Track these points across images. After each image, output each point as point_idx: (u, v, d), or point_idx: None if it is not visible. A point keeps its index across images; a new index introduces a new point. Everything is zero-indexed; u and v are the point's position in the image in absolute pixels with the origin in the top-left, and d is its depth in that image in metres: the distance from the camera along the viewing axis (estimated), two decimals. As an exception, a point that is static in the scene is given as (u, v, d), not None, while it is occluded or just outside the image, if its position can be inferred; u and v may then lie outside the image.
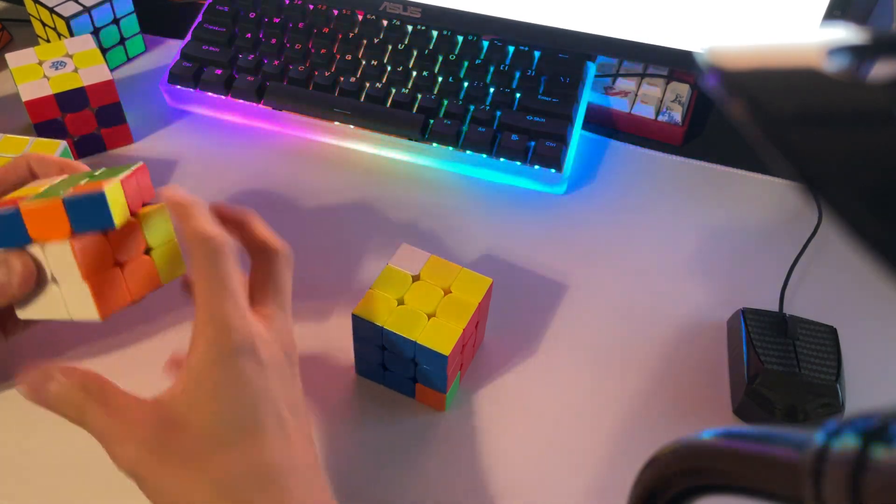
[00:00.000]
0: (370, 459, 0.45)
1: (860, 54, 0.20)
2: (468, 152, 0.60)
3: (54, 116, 0.58)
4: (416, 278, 0.46)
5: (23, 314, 0.38)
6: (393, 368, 0.46)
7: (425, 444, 0.46)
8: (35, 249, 0.36)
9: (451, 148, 0.60)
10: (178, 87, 0.64)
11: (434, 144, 0.61)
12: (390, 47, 0.65)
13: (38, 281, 0.37)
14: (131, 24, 0.68)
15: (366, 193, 0.60)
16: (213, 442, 0.33)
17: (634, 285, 0.54)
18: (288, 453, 0.34)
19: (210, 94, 0.64)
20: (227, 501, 0.32)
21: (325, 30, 0.66)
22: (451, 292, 0.45)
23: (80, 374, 0.35)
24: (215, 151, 0.62)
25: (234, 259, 0.36)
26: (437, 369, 0.44)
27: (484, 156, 0.60)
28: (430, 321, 0.44)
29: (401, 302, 0.44)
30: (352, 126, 0.62)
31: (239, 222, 0.40)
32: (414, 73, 0.64)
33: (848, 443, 0.18)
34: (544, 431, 0.47)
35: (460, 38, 0.66)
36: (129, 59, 0.70)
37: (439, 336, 0.43)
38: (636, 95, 0.65)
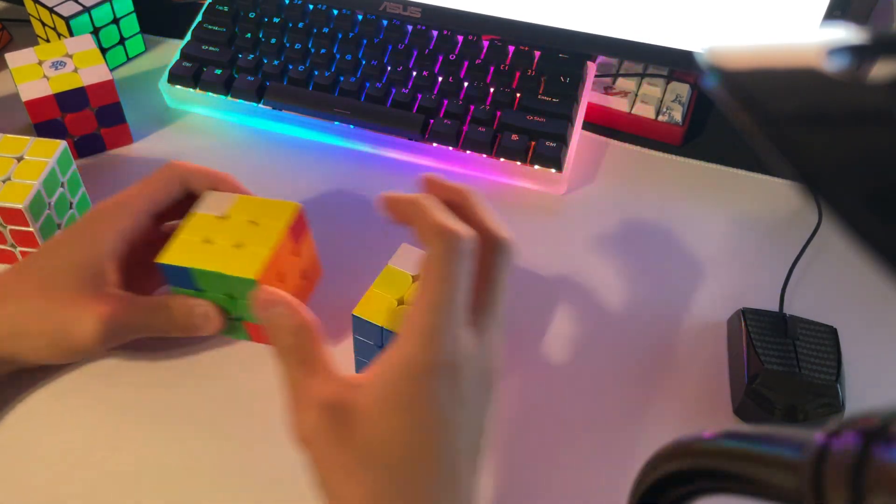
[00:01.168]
0: None
1: (860, 54, 0.20)
2: (468, 152, 0.60)
3: (54, 116, 0.58)
4: (416, 278, 0.46)
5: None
6: None
7: None
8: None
9: (451, 148, 0.60)
10: (178, 87, 0.64)
11: (434, 144, 0.61)
12: (390, 47, 0.65)
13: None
14: (131, 24, 0.68)
15: (366, 193, 0.60)
16: (384, 454, 0.31)
17: (634, 285, 0.54)
18: (451, 485, 0.32)
19: (210, 94, 0.64)
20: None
21: (325, 30, 0.66)
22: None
23: (300, 319, 0.35)
24: (215, 151, 0.62)
25: (468, 265, 0.34)
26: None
27: (484, 156, 0.60)
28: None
29: (401, 302, 0.44)
30: (352, 126, 0.62)
31: (458, 203, 0.37)
32: (414, 73, 0.64)
33: (848, 443, 0.18)
34: (544, 432, 0.47)
35: (460, 38, 0.66)
36: (129, 59, 0.70)
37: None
38: (636, 95, 0.65)
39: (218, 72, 0.64)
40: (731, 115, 0.19)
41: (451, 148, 0.60)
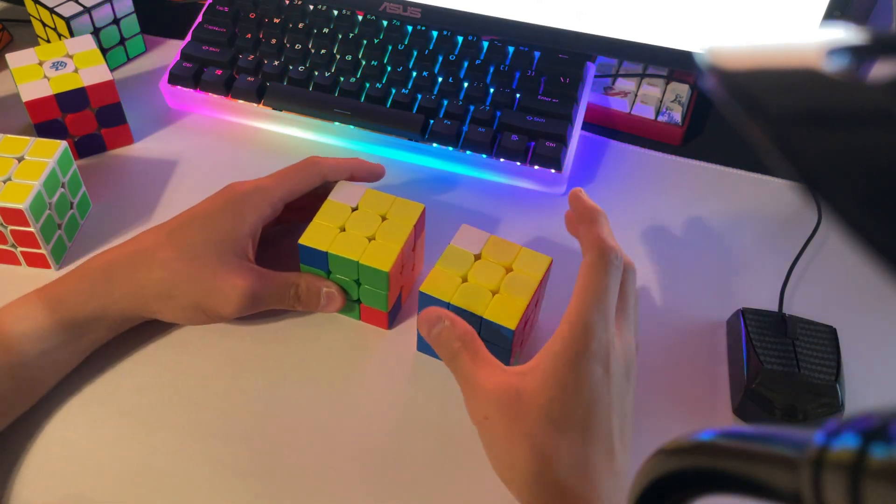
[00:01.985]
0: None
1: (860, 54, 0.20)
2: (468, 152, 0.60)
3: (55, 117, 0.58)
4: (477, 257, 0.47)
5: None
6: None
7: None
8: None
9: (451, 148, 0.60)
10: (179, 87, 0.64)
11: (434, 144, 0.61)
12: (390, 47, 0.65)
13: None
14: (131, 25, 0.68)
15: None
16: (549, 424, 0.38)
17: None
18: (607, 456, 0.38)
19: (210, 94, 0.64)
20: (545, 475, 0.37)
21: (325, 30, 0.66)
22: (512, 270, 0.47)
23: (462, 326, 0.43)
24: (215, 151, 0.62)
25: (618, 276, 0.41)
26: (502, 344, 0.45)
27: (484, 156, 0.60)
28: (494, 297, 0.45)
29: (464, 279, 0.46)
30: (352, 126, 0.62)
31: (590, 220, 0.44)
32: (414, 73, 0.64)
33: (848, 443, 0.18)
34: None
35: (460, 38, 0.66)
36: (129, 60, 0.70)
37: (504, 311, 0.45)
38: (636, 96, 0.65)
39: (218, 72, 0.64)
40: (730, 116, 0.19)
41: (451, 148, 0.60)
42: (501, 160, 0.60)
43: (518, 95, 0.62)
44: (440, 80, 0.63)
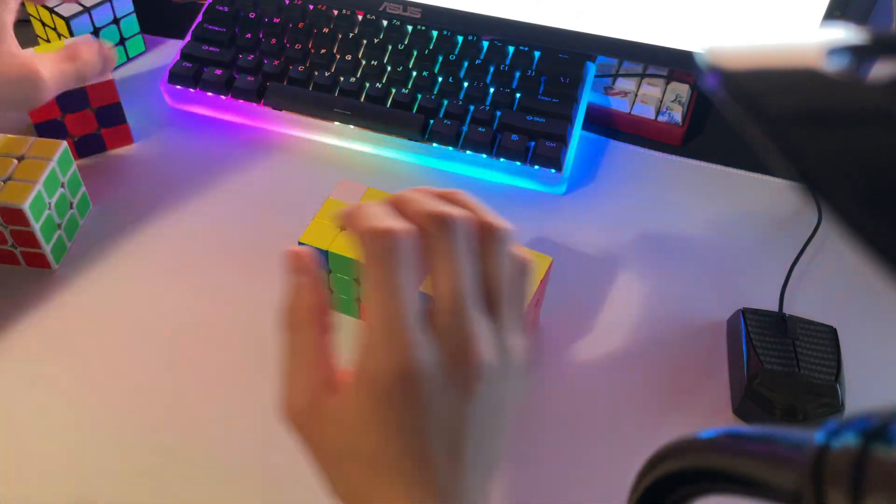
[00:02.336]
0: None
1: (860, 54, 0.20)
2: (468, 152, 0.60)
3: (54, 116, 0.58)
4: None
5: None
6: None
7: None
8: None
9: (451, 148, 0.60)
10: (179, 87, 0.64)
11: (434, 144, 0.61)
12: (390, 47, 0.65)
13: None
14: (131, 24, 0.68)
15: (366, 193, 0.60)
16: (344, 458, 0.31)
17: (634, 285, 0.54)
18: (413, 492, 0.30)
19: (210, 94, 0.64)
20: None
21: (325, 30, 0.66)
22: None
23: (319, 296, 0.33)
24: (215, 151, 0.62)
25: (404, 256, 0.30)
26: None
27: (484, 156, 0.60)
28: None
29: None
30: (352, 126, 0.62)
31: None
32: (414, 73, 0.64)
33: (848, 443, 0.18)
34: (544, 431, 0.47)
35: (460, 38, 0.66)
36: (129, 59, 0.70)
37: None
38: (636, 95, 0.65)
39: (218, 72, 0.64)
40: (730, 115, 0.19)
41: (451, 148, 0.60)
42: (501, 160, 0.60)
43: (518, 95, 0.62)
44: (440, 80, 0.63)
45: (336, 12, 0.67)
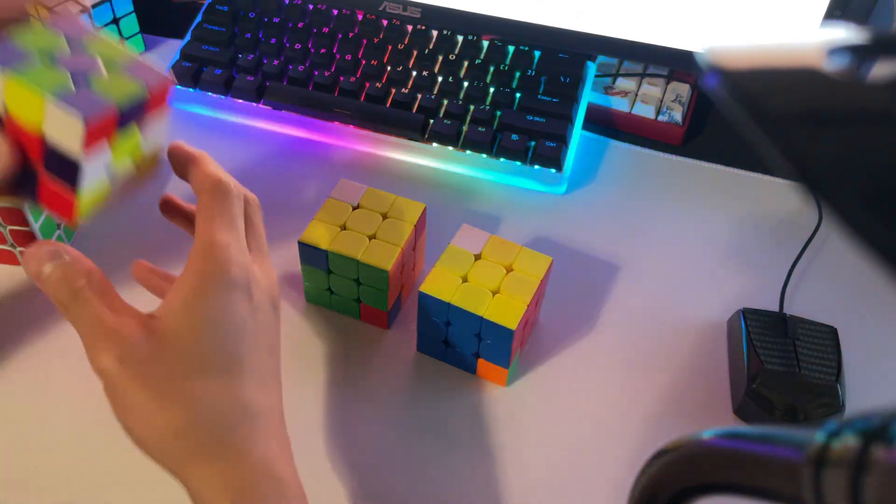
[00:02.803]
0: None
1: (860, 54, 0.20)
2: (468, 152, 0.60)
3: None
4: (477, 257, 0.47)
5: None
6: (456, 345, 0.47)
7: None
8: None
9: (451, 148, 0.60)
10: (178, 87, 0.64)
11: (434, 144, 0.61)
12: (390, 47, 0.65)
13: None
14: (131, 24, 0.68)
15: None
16: (195, 367, 0.33)
17: (634, 286, 0.54)
18: (263, 395, 0.34)
19: (210, 94, 0.64)
20: (197, 430, 0.32)
21: (325, 30, 0.66)
22: (512, 270, 0.47)
23: (88, 264, 0.35)
24: (215, 151, 0.62)
25: (241, 205, 0.37)
26: (501, 344, 0.45)
27: (484, 156, 0.60)
28: (494, 297, 0.45)
29: (465, 279, 0.46)
30: (352, 126, 0.62)
31: (196, 161, 0.39)
32: (414, 73, 0.64)
33: (848, 443, 0.18)
34: (543, 431, 0.47)
35: (460, 38, 0.66)
36: (129, 59, 0.70)
37: (505, 311, 0.44)
38: (636, 95, 0.65)
39: (218, 72, 0.64)
40: (730, 115, 0.19)
41: (451, 148, 0.60)
42: (501, 160, 0.60)
43: (518, 95, 0.62)
44: (440, 79, 0.63)
45: (336, 12, 0.67)
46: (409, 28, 0.66)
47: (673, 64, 0.64)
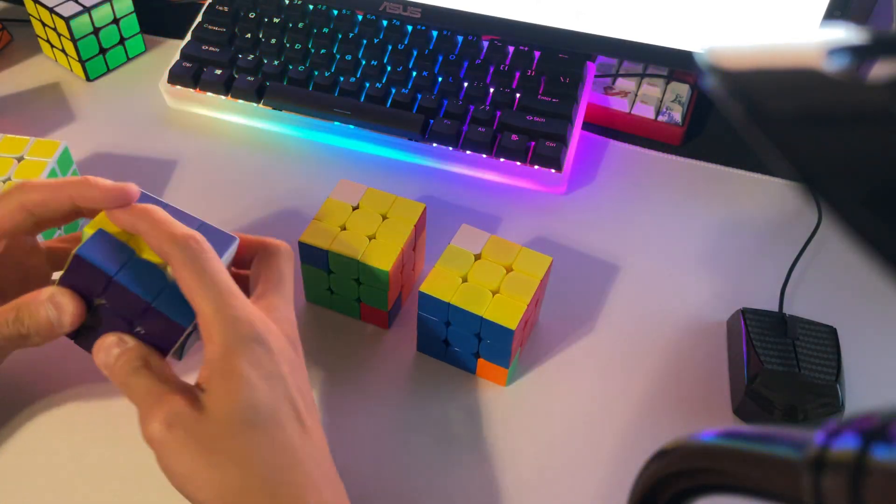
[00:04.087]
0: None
1: (860, 54, 0.20)
2: (468, 152, 0.60)
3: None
4: (477, 257, 0.47)
5: None
6: (456, 344, 0.47)
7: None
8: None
9: (451, 148, 0.60)
10: (178, 87, 0.64)
11: (434, 144, 0.61)
12: (390, 47, 0.65)
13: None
14: (131, 24, 0.68)
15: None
16: (236, 424, 0.34)
17: (634, 285, 0.54)
18: (304, 438, 0.35)
19: (210, 94, 0.64)
20: (251, 487, 0.33)
21: (325, 30, 0.66)
22: (512, 270, 0.47)
23: (145, 349, 0.37)
24: (215, 151, 0.62)
25: (216, 256, 0.37)
26: (501, 343, 0.45)
27: (484, 156, 0.60)
28: (494, 297, 0.45)
29: (465, 279, 0.46)
30: (352, 126, 0.62)
31: (149, 221, 0.38)
32: (414, 73, 0.64)
33: (848, 443, 0.18)
34: (543, 431, 0.47)
35: (460, 38, 0.66)
36: (128, 60, 0.70)
37: (504, 311, 0.45)
38: (636, 95, 0.65)
39: (218, 72, 0.64)
40: (730, 116, 0.19)
41: (451, 148, 0.60)
42: (501, 160, 0.60)
43: (518, 95, 0.62)
44: (440, 79, 0.63)
45: (336, 12, 0.67)
46: (410, 28, 0.66)
47: (672, 64, 0.64)
